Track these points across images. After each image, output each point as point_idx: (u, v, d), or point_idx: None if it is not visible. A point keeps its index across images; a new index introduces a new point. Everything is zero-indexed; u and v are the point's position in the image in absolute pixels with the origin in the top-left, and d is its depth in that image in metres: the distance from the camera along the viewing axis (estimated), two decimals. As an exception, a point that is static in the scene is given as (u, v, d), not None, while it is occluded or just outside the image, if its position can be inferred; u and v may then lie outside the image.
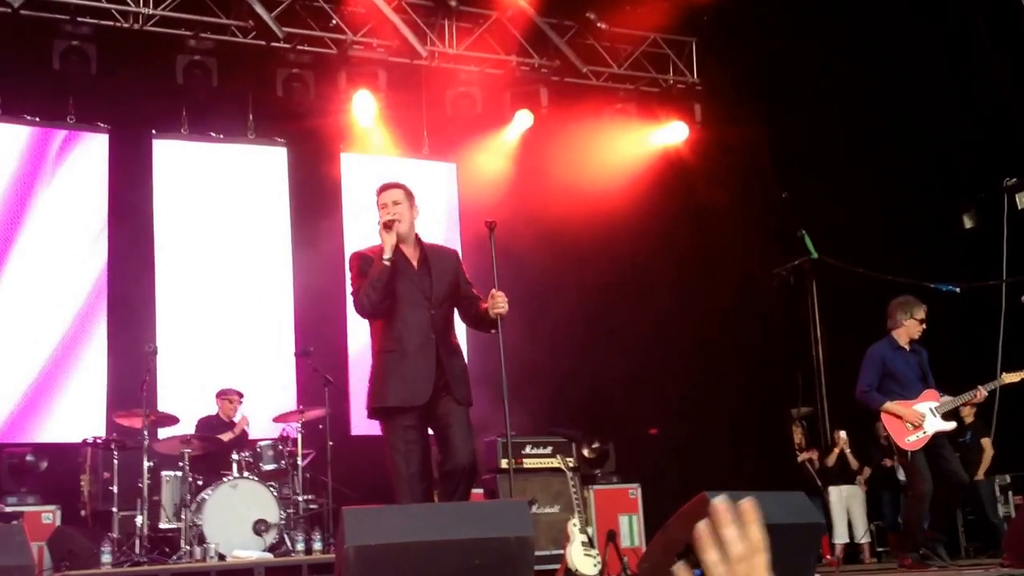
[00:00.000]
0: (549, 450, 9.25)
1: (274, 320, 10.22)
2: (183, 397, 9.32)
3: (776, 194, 9.28)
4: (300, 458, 8.63)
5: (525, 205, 10.46)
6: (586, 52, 10.74)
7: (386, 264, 5.38)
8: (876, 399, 7.53)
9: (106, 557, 7.49)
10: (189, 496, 8.04)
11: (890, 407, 7.47)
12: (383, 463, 5.58)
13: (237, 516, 8.01)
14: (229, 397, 9.18)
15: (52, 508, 8.30)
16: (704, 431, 10.48)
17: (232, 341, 10.00)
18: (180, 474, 8.19)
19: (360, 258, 5.58)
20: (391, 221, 5.43)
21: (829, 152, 10.86)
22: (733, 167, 10.90)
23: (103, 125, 9.90)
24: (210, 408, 9.13)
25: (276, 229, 10.45)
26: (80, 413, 9.31)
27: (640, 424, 10.61)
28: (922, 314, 7.67)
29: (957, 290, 8.61)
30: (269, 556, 7.87)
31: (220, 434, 8.82)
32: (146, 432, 8.07)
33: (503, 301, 5.49)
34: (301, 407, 8.90)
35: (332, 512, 8.48)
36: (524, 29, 10.50)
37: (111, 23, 9.26)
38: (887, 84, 10.51)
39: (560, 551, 7.90)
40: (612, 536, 8.19)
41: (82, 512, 8.41)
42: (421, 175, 10.99)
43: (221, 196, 10.33)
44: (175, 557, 7.86)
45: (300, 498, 8.55)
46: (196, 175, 10.25)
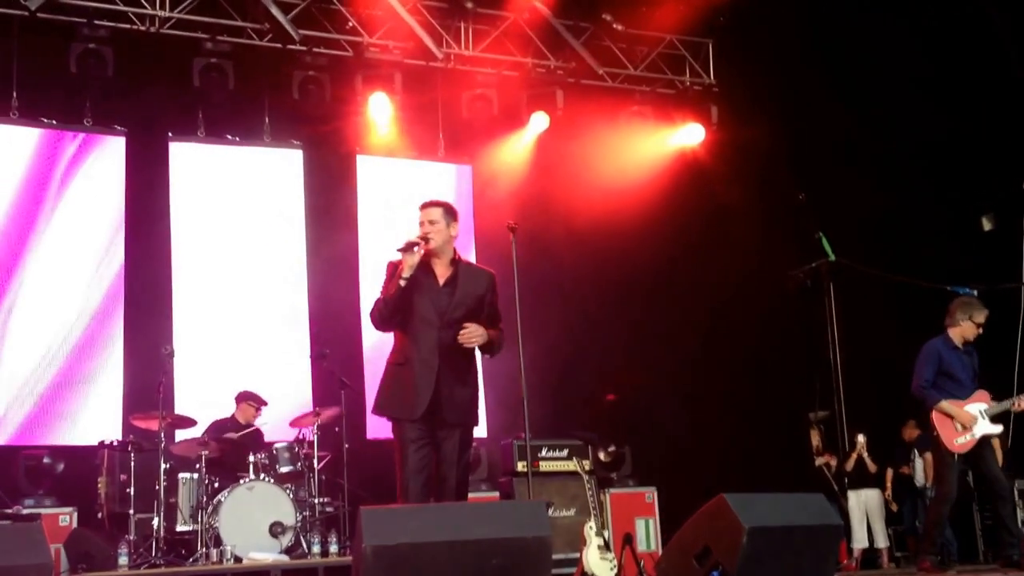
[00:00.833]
0: (565, 453, 9.24)
1: (290, 322, 10.22)
2: (200, 399, 9.33)
3: (793, 196, 9.22)
4: (316, 460, 8.62)
5: (541, 207, 10.45)
6: (602, 54, 10.71)
7: (401, 284, 5.39)
8: (933, 396, 7.51)
9: (123, 559, 7.53)
10: (206, 498, 8.06)
11: (944, 406, 7.46)
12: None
13: (253, 518, 8.03)
14: (253, 403, 9.06)
15: (69, 510, 8.34)
16: (720, 434, 10.44)
17: (248, 343, 10.01)
18: (197, 476, 8.23)
19: (392, 268, 5.56)
20: (412, 243, 5.42)
21: (846, 153, 10.81)
22: (750, 169, 10.85)
23: (120, 128, 9.92)
24: (227, 411, 9.09)
25: (292, 231, 10.45)
26: (97, 415, 9.33)
27: (656, 428, 10.56)
28: (982, 318, 7.66)
29: (975, 293, 8.56)
30: (285, 558, 7.87)
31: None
32: (163, 434, 8.11)
33: (474, 336, 5.41)
34: (317, 409, 8.90)
35: (348, 515, 8.50)
36: (540, 31, 10.49)
37: (128, 26, 9.29)
38: (905, 85, 10.45)
39: (576, 554, 7.91)
40: (628, 539, 8.17)
41: (99, 514, 8.40)
42: (437, 177, 11.02)
43: (237, 199, 10.34)
44: (191, 559, 7.88)
45: (316, 500, 8.56)
46: (212, 178, 10.27)
